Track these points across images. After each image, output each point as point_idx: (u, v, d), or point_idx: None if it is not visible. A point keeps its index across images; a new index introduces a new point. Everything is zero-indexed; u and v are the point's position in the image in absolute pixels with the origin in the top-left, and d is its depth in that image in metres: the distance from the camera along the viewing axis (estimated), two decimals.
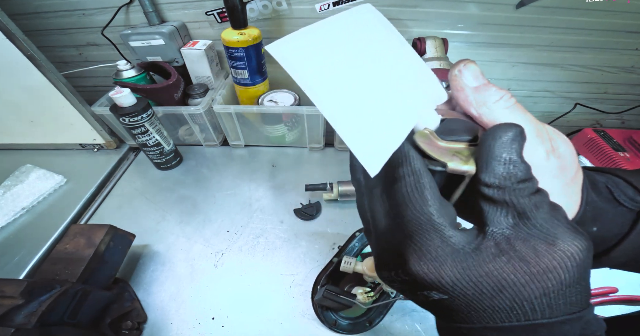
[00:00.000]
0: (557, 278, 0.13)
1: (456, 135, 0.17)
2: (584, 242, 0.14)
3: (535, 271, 0.13)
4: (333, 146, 0.74)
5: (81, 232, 0.44)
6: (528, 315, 0.14)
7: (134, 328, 0.42)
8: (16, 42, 0.53)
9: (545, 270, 0.13)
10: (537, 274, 0.13)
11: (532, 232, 0.14)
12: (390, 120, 0.16)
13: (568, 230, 0.14)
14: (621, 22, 0.63)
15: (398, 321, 0.44)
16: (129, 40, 0.66)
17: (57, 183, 0.65)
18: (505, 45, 0.69)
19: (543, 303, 0.14)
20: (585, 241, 0.14)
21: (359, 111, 0.15)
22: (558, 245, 0.13)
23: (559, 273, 0.13)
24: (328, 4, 0.64)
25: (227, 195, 0.63)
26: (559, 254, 0.13)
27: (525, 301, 0.14)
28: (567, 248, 0.13)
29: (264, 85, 0.69)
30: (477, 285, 0.14)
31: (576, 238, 0.14)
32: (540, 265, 0.13)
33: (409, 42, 0.63)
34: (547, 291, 0.13)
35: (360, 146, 0.14)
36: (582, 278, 0.14)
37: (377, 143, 0.15)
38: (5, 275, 0.50)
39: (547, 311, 0.14)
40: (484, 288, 0.14)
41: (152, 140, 0.61)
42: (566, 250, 0.13)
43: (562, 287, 0.13)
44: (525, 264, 0.13)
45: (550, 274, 0.13)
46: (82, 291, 0.38)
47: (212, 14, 0.67)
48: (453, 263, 0.14)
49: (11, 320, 0.31)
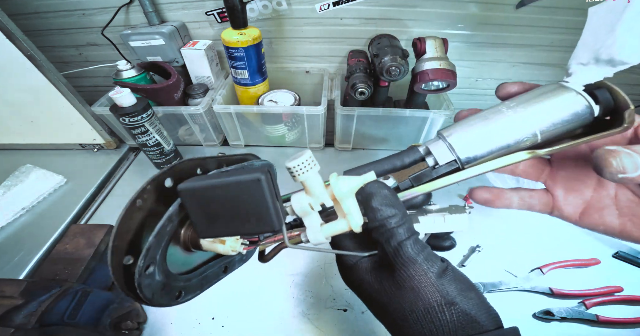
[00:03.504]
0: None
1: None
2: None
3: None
4: (333, 146, 0.74)
5: (81, 232, 0.44)
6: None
7: (134, 328, 0.42)
8: (16, 42, 0.53)
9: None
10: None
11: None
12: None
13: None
14: None
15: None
16: (129, 40, 0.66)
17: (57, 183, 0.65)
18: (505, 45, 0.69)
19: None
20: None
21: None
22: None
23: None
24: (328, 4, 0.64)
25: None
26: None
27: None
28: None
29: (264, 85, 0.69)
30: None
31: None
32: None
33: (409, 42, 0.63)
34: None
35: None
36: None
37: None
38: (5, 275, 0.50)
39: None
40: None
41: (152, 140, 0.61)
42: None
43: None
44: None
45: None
46: (82, 291, 0.38)
47: (212, 14, 0.67)
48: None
49: (11, 320, 0.31)
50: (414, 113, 0.61)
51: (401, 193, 0.22)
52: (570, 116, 0.19)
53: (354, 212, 0.20)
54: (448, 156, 0.21)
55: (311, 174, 0.20)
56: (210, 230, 0.19)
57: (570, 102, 0.19)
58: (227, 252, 0.22)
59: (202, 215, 0.19)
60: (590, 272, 0.48)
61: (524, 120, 0.19)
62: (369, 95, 0.60)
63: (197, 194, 0.18)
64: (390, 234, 0.19)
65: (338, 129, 0.68)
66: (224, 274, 0.27)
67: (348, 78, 0.63)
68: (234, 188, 0.18)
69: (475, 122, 0.21)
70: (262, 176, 0.18)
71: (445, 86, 0.60)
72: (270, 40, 0.72)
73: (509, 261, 0.49)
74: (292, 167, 0.19)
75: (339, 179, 0.21)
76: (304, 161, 0.19)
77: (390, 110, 0.62)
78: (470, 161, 0.20)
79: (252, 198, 0.18)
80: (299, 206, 0.21)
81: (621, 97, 0.18)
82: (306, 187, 0.20)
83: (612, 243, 0.51)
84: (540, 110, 0.19)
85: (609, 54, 0.18)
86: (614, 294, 0.45)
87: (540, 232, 0.53)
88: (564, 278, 0.47)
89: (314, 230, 0.21)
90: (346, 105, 0.64)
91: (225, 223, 0.19)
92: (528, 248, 0.51)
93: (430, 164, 0.22)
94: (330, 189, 0.20)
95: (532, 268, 0.48)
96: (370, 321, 0.44)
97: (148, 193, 0.18)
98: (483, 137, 0.20)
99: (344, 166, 0.77)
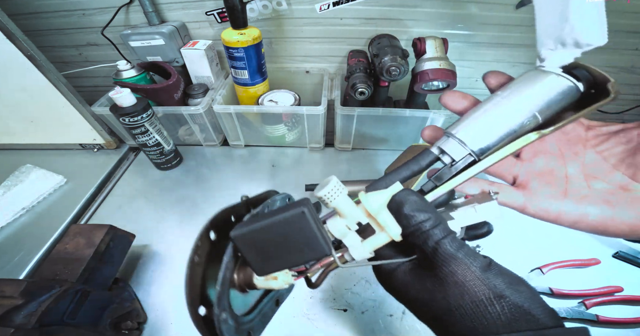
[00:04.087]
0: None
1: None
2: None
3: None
4: (333, 146, 0.74)
5: (81, 232, 0.44)
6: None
7: (134, 328, 0.42)
8: (16, 42, 0.53)
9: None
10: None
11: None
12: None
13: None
14: (621, 22, 0.63)
15: (398, 321, 0.44)
16: (129, 40, 0.66)
17: (57, 183, 0.65)
18: (505, 45, 0.69)
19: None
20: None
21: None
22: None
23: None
24: (328, 4, 0.64)
25: (227, 195, 0.63)
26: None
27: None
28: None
29: (264, 85, 0.69)
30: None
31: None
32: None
33: (409, 42, 0.63)
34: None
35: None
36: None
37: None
38: (5, 275, 0.50)
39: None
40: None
41: (152, 140, 0.61)
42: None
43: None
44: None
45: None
46: (82, 291, 0.38)
47: (212, 14, 0.67)
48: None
49: (11, 320, 0.31)
50: (414, 113, 0.61)
51: (427, 195, 0.23)
52: (560, 95, 0.21)
53: (390, 223, 0.21)
54: (462, 151, 0.21)
55: (341, 199, 0.21)
56: (266, 267, 0.21)
57: (555, 83, 0.21)
58: (281, 286, 0.23)
59: (256, 255, 0.21)
60: (590, 272, 0.48)
61: (521, 105, 0.21)
62: (369, 95, 0.60)
63: (248, 238, 0.20)
64: (426, 236, 0.20)
65: (338, 129, 0.68)
66: (277, 307, 0.28)
67: (348, 78, 0.63)
68: (282, 225, 0.20)
69: (477, 115, 0.22)
70: (304, 209, 0.19)
71: (445, 86, 0.60)
72: (270, 40, 0.72)
73: (509, 261, 0.49)
74: (322, 196, 0.20)
75: (368, 196, 0.22)
76: (332, 188, 0.20)
77: (390, 110, 0.62)
78: (484, 151, 0.21)
79: (299, 230, 0.20)
80: (336, 230, 0.22)
81: (597, 73, 0.20)
82: (339, 211, 0.21)
83: (612, 243, 0.51)
84: (533, 94, 0.21)
85: (572, 38, 0.20)
86: (614, 294, 0.45)
87: (540, 232, 0.53)
88: (564, 278, 0.47)
89: (357, 247, 0.22)
90: (346, 105, 0.64)
91: (279, 258, 0.21)
92: (528, 248, 0.51)
93: (447, 162, 0.22)
94: (361, 207, 0.22)
95: (532, 268, 0.48)
96: (370, 321, 0.44)
97: (200, 249, 0.21)
98: (489, 127, 0.21)
99: (344, 166, 0.77)
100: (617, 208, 0.22)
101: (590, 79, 0.21)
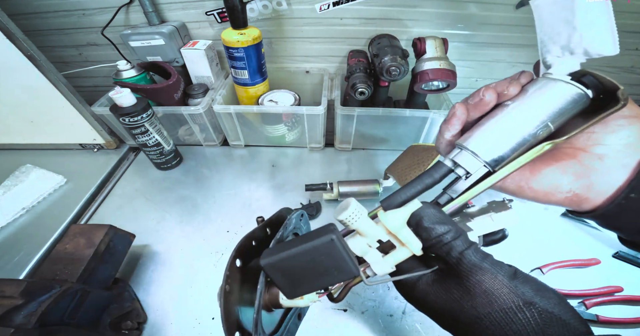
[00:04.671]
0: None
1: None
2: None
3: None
4: (333, 146, 0.74)
5: (81, 232, 0.44)
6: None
7: (134, 328, 0.42)
8: (16, 42, 0.53)
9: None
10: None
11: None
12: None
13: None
14: (621, 22, 0.62)
15: (398, 321, 0.44)
16: (129, 40, 0.66)
17: (57, 183, 0.65)
18: (505, 45, 0.69)
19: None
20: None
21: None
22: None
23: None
24: (328, 4, 0.64)
25: (227, 195, 0.63)
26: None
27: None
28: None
29: (264, 85, 0.69)
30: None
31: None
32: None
33: (409, 42, 0.63)
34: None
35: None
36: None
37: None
38: (5, 275, 0.50)
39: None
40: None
41: (152, 140, 0.61)
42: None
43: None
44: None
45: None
46: (82, 291, 0.38)
47: (212, 14, 0.67)
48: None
49: (11, 320, 0.31)
50: (414, 113, 0.61)
51: (444, 208, 0.23)
52: (570, 104, 0.20)
53: (411, 239, 0.22)
54: (476, 163, 0.21)
55: (362, 220, 0.21)
56: (297, 291, 0.22)
57: (565, 91, 0.20)
58: (307, 304, 0.24)
59: (286, 280, 0.22)
60: (590, 272, 0.48)
61: (533, 114, 0.21)
62: (369, 95, 0.60)
63: (278, 266, 0.21)
64: (449, 247, 0.20)
65: (338, 129, 0.68)
66: (299, 321, 0.29)
67: (348, 78, 0.63)
68: (311, 252, 0.21)
69: (489, 125, 0.22)
70: (333, 236, 0.20)
71: (445, 86, 0.60)
72: (270, 40, 0.72)
73: (509, 261, 0.49)
74: (344, 219, 0.21)
75: (388, 215, 0.22)
76: (354, 211, 0.21)
77: (390, 110, 0.62)
78: (498, 162, 0.21)
79: (328, 256, 0.20)
80: (358, 248, 0.22)
81: (605, 80, 0.20)
82: (360, 231, 0.22)
83: (612, 243, 0.51)
84: (544, 103, 0.21)
85: (582, 48, 0.19)
86: (614, 294, 0.45)
87: (540, 232, 0.53)
88: (564, 278, 0.47)
89: (378, 263, 0.22)
90: (346, 105, 0.64)
91: (308, 282, 0.22)
92: (528, 248, 0.51)
93: (461, 174, 0.22)
94: (381, 225, 0.22)
95: (532, 268, 0.48)
96: (370, 321, 0.44)
97: (230, 277, 0.22)
98: (501, 138, 0.21)
99: (344, 166, 0.76)
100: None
101: (599, 86, 0.20)
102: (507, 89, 0.22)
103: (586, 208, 0.23)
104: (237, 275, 0.23)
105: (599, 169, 0.21)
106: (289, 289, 0.22)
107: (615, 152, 0.21)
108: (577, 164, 0.22)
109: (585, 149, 0.22)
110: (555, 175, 0.22)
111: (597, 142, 0.21)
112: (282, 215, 0.28)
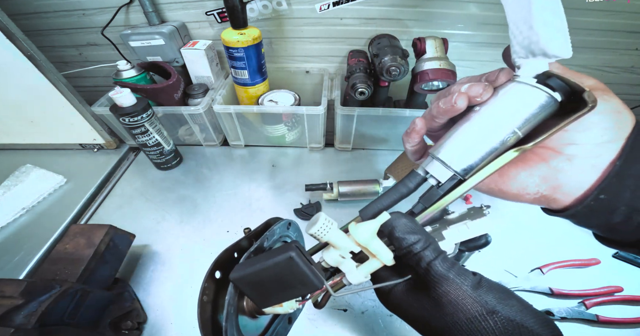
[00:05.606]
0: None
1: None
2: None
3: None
4: (333, 146, 0.74)
5: (81, 232, 0.44)
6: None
7: (134, 328, 0.42)
8: (16, 42, 0.53)
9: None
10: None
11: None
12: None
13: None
14: (621, 22, 0.63)
15: (398, 321, 0.44)
16: (129, 40, 0.66)
17: (57, 183, 0.65)
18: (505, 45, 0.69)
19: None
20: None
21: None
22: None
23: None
24: (328, 4, 0.64)
25: (227, 195, 0.63)
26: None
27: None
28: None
29: (264, 85, 0.69)
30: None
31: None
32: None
33: (409, 42, 0.63)
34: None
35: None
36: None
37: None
38: (5, 275, 0.50)
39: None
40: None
41: (152, 140, 0.61)
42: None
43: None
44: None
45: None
46: (82, 291, 0.38)
47: (212, 14, 0.67)
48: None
49: (11, 320, 0.31)
50: (414, 113, 0.61)
51: (418, 217, 0.23)
52: (538, 109, 0.20)
53: (381, 251, 0.22)
54: (446, 172, 0.22)
55: (332, 233, 0.22)
56: (266, 302, 0.24)
57: (532, 96, 0.20)
58: (287, 311, 0.25)
59: (255, 293, 0.23)
60: (590, 272, 0.48)
61: (500, 121, 0.20)
62: (369, 95, 0.60)
63: (246, 280, 0.23)
64: (418, 258, 0.21)
65: (338, 129, 0.68)
66: (289, 325, 0.31)
67: (348, 78, 0.63)
68: (274, 268, 0.22)
69: (457, 134, 0.22)
70: (292, 253, 0.21)
71: (445, 86, 0.60)
72: (270, 40, 0.72)
73: (509, 262, 0.49)
74: (314, 233, 0.22)
75: (358, 227, 0.22)
76: (323, 224, 0.22)
77: (390, 110, 0.62)
78: (468, 171, 0.21)
79: (290, 271, 0.22)
80: (331, 260, 0.23)
81: (572, 83, 0.19)
82: (332, 243, 0.23)
83: None
84: (510, 109, 0.20)
85: (540, 48, 0.18)
86: (614, 294, 0.45)
87: (540, 232, 0.53)
88: (564, 278, 0.47)
89: (352, 273, 0.23)
90: (346, 105, 0.64)
91: (276, 294, 0.23)
92: (528, 248, 0.51)
93: (433, 183, 0.22)
94: (353, 237, 0.22)
95: (532, 268, 0.48)
96: (370, 321, 0.44)
97: (207, 289, 0.23)
98: (470, 147, 0.21)
99: (344, 166, 0.76)
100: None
101: (567, 88, 0.20)
102: (480, 96, 0.21)
103: (556, 208, 0.23)
104: (213, 287, 0.24)
105: (568, 170, 0.21)
106: (259, 300, 0.24)
107: (585, 152, 0.21)
108: (545, 166, 0.22)
109: (555, 149, 0.22)
110: (522, 177, 0.23)
111: (568, 141, 0.21)
112: (269, 225, 0.29)
